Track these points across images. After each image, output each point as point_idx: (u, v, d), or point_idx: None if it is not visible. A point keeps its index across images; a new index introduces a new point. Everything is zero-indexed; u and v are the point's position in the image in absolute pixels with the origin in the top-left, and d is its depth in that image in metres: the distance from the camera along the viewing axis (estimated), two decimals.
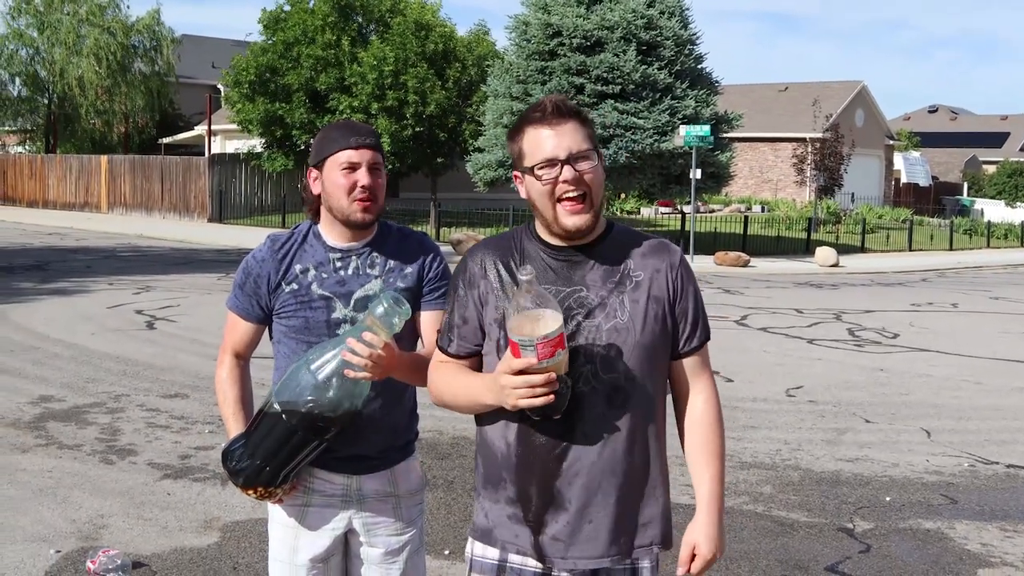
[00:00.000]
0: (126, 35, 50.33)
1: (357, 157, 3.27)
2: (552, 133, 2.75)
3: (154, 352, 12.04)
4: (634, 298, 2.80)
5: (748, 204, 51.40)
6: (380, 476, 3.41)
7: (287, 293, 3.37)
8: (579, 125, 2.78)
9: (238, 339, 3.50)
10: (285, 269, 3.38)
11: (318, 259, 3.37)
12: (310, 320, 3.34)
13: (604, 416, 2.75)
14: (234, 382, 3.50)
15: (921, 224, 45.53)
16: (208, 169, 38.44)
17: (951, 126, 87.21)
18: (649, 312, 2.80)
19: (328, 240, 3.39)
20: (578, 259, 2.82)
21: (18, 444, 8.06)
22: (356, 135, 3.29)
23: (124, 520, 6.43)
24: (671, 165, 30.04)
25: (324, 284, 3.34)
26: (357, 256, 3.38)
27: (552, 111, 2.77)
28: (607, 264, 2.82)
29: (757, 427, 9.35)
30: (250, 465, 3.17)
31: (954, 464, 8.30)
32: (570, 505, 2.77)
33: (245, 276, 3.44)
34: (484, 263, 2.89)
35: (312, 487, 3.38)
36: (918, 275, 27.83)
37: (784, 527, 6.69)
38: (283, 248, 3.42)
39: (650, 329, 2.80)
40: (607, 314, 2.78)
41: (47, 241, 28.69)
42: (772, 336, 15.01)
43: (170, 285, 18.72)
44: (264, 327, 3.50)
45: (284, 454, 3.13)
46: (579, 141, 2.76)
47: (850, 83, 58.48)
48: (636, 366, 2.77)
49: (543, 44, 30.49)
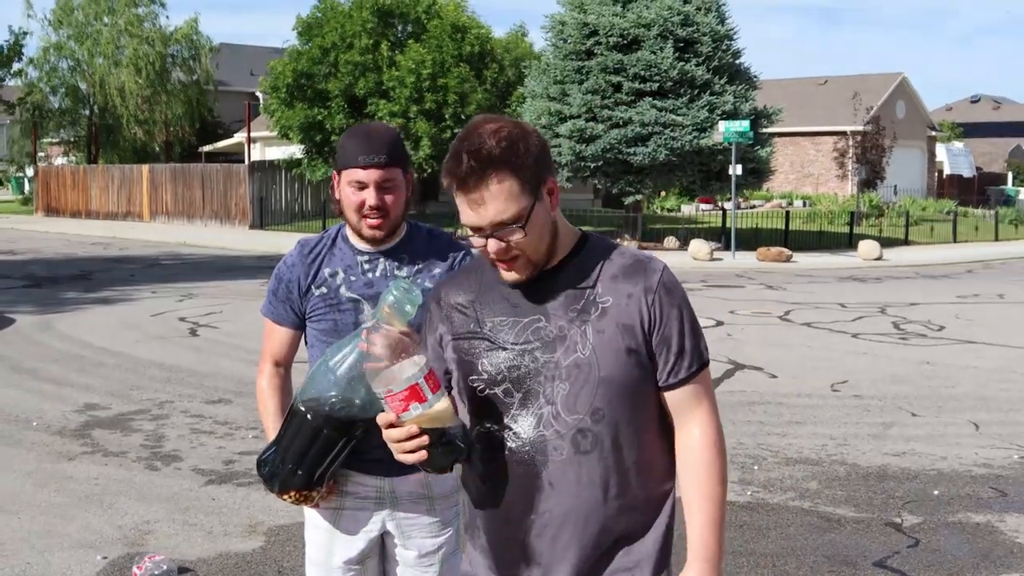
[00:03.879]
0: (164, 45, 50.87)
1: (364, 177, 3.24)
2: (468, 202, 2.42)
3: (197, 358, 12.11)
4: (599, 328, 2.46)
5: (789, 199, 51.03)
6: (413, 478, 3.37)
7: (317, 297, 3.38)
8: (503, 177, 2.39)
9: (276, 346, 3.50)
10: (315, 273, 3.39)
11: (347, 262, 3.38)
12: (339, 323, 3.35)
13: (571, 462, 2.46)
14: (274, 391, 3.50)
15: (965, 215, 45.03)
16: (248, 176, 38.66)
17: (994, 116, 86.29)
18: (616, 343, 2.45)
19: (356, 243, 3.40)
20: (539, 284, 2.51)
21: (64, 452, 8.12)
22: (366, 152, 3.23)
23: (169, 526, 6.46)
24: (711, 161, 29.91)
25: (352, 287, 3.35)
26: (385, 258, 3.37)
27: (466, 177, 2.39)
28: (571, 288, 2.51)
29: (802, 423, 9.28)
30: (283, 469, 3.15)
31: (1003, 456, 8.19)
32: (542, 559, 2.52)
33: (277, 282, 3.46)
34: (448, 300, 2.65)
35: (346, 490, 3.37)
36: (963, 267, 27.56)
37: (831, 523, 6.62)
38: (312, 252, 3.43)
39: (617, 362, 2.45)
40: (567, 348, 2.46)
41: (91, 251, 28.96)
42: (816, 331, 14.90)
43: (212, 292, 18.84)
44: (301, 332, 3.49)
45: (314, 455, 3.10)
46: (500, 208, 2.39)
47: (890, 75, 57.98)
48: (604, 404, 2.45)
49: (580, 43, 30.46)
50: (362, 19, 36.01)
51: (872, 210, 41.75)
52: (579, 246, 2.56)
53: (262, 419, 3.53)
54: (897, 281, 23.29)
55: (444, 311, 2.64)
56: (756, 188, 38.55)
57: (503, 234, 2.42)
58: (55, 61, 51.86)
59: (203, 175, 40.60)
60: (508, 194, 2.39)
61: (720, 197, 37.41)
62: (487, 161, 2.37)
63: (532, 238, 2.44)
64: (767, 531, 6.47)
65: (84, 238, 34.11)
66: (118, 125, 51.46)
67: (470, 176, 2.38)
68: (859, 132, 43.70)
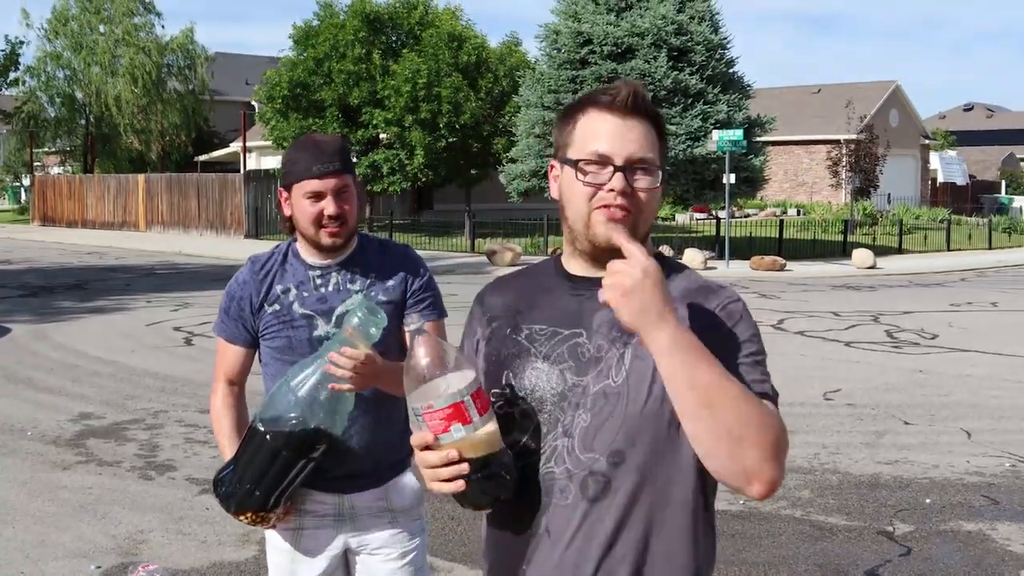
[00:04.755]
0: (160, 54, 51.02)
1: (321, 186, 3.18)
2: (616, 125, 2.13)
3: (192, 368, 12.13)
4: (639, 353, 2.07)
5: (783, 208, 51.13)
6: (372, 493, 3.33)
7: (270, 314, 3.32)
8: (650, 129, 2.16)
9: (229, 365, 3.43)
10: (267, 290, 3.33)
11: (299, 278, 3.32)
12: (292, 339, 3.28)
13: (575, 508, 2.10)
14: (228, 410, 3.42)
15: (959, 223, 45.11)
16: (243, 186, 38.67)
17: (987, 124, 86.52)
18: (656, 372, 2.02)
19: (307, 258, 3.34)
20: (594, 293, 2.06)
21: (59, 461, 8.13)
22: (320, 161, 3.18)
23: (163, 535, 6.48)
24: (705, 170, 29.95)
25: (305, 303, 3.29)
26: (337, 272, 3.32)
27: (626, 100, 2.14)
28: None
29: (795, 431, 9.30)
30: (239, 489, 3.06)
31: (995, 464, 8.22)
32: None
33: (229, 300, 3.40)
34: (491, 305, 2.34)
35: (304, 508, 3.30)
36: (957, 275, 27.59)
37: (823, 531, 6.65)
38: (264, 269, 3.37)
39: (652, 396, 2.06)
40: (599, 372, 2.11)
41: (86, 260, 28.97)
42: (809, 340, 14.93)
43: (208, 301, 18.83)
44: (254, 351, 3.43)
45: (272, 476, 3.01)
46: (645, 147, 2.13)
47: (883, 83, 58.13)
48: (627, 445, 2.07)
49: (574, 52, 30.52)
50: (353, 28, 36.08)
51: (866, 218, 41.79)
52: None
53: (217, 439, 3.46)
54: (891, 289, 23.33)
55: (485, 314, 2.34)
56: (750, 197, 38.58)
57: (638, 177, 2.13)
58: (52, 71, 51.96)
59: (199, 184, 40.61)
60: (653, 144, 2.16)
61: (714, 206, 37.48)
62: (647, 108, 2.16)
63: (652, 202, 2.18)
64: (759, 540, 6.49)
65: (80, 247, 34.12)
66: (114, 135, 51.57)
67: (628, 106, 2.13)
68: (853, 141, 43.74)
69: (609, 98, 2.13)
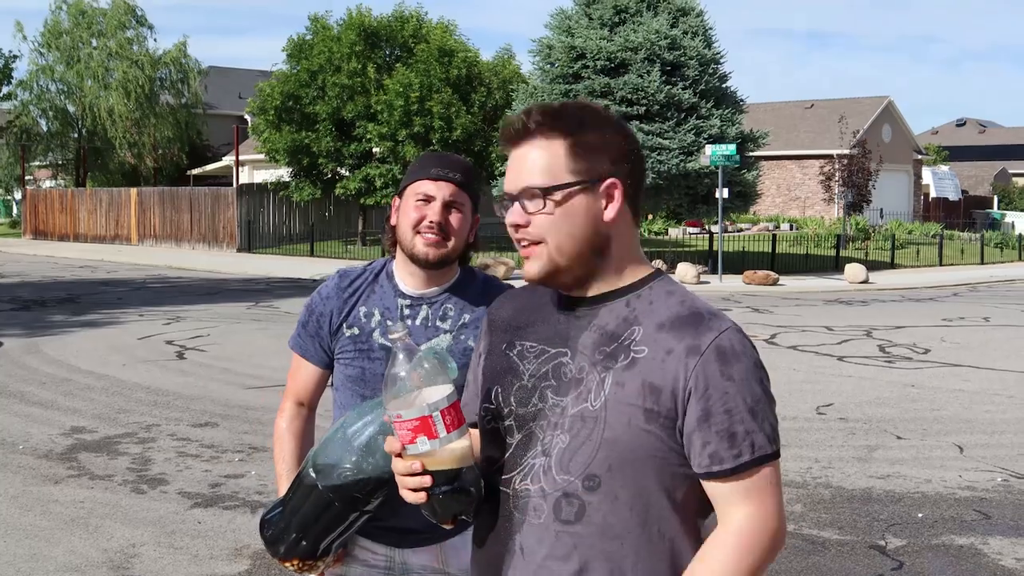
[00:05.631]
0: (153, 68, 51.05)
1: (434, 189, 2.94)
2: (510, 161, 2.16)
3: (184, 382, 12.11)
4: (620, 379, 2.03)
5: (776, 222, 51.21)
6: (427, 551, 3.02)
7: (347, 338, 3.04)
8: (548, 141, 2.12)
9: (300, 384, 3.16)
10: (349, 310, 3.06)
11: (386, 304, 3.03)
12: (367, 371, 3.01)
13: (547, 530, 2.06)
14: (293, 435, 3.13)
15: (951, 238, 45.23)
16: (236, 199, 38.69)
17: (980, 139, 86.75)
18: (633, 402, 2.00)
19: (400, 283, 3.05)
20: (583, 313, 2.13)
21: (50, 475, 8.11)
22: (440, 166, 2.96)
23: (155, 549, 6.46)
24: (698, 185, 30.01)
25: (387, 334, 2.95)
26: (429, 305, 3.01)
27: (511, 131, 2.15)
28: (611, 326, 2.10)
29: (787, 446, 9.30)
30: (287, 537, 2.80)
31: (987, 479, 8.23)
32: None
33: (308, 314, 3.13)
34: (496, 316, 2.35)
35: (353, 555, 3.05)
36: (949, 290, 27.65)
37: (816, 545, 6.65)
38: (352, 285, 3.09)
39: (630, 425, 2.01)
40: (579, 394, 2.06)
41: (78, 274, 28.92)
42: (802, 354, 14.94)
43: (200, 315, 18.82)
44: (330, 372, 3.15)
45: (320, 525, 2.75)
46: (534, 171, 2.09)
47: (876, 99, 58.28)
48: (603, 471, 2.02)
49: (567, 67, 30.61)
50: (349, 41, 36.11)
51: (858, 233, 41.89)
52: (642, 281, 2.16)
53: (275, 463, 3.15)
54: (883, 304, 23.37)
55: (490, 328, 2.33)
56: (743, 211, 38.67)
57: (528, 202, 2.13)
58: (44, 84, 51.98)
59: (191, 198, 40.62)
60: (549, 161, 2.14)
61: (707, 220, 37.50)
62: (541, 120, 2.17)
63: (555, 221, 2.11)
64: None
65: (72, 261, 34.07)
66: (107, 148, 51.58)
67: (515, 132, 2.16)
68: (845, 155, 43.84)
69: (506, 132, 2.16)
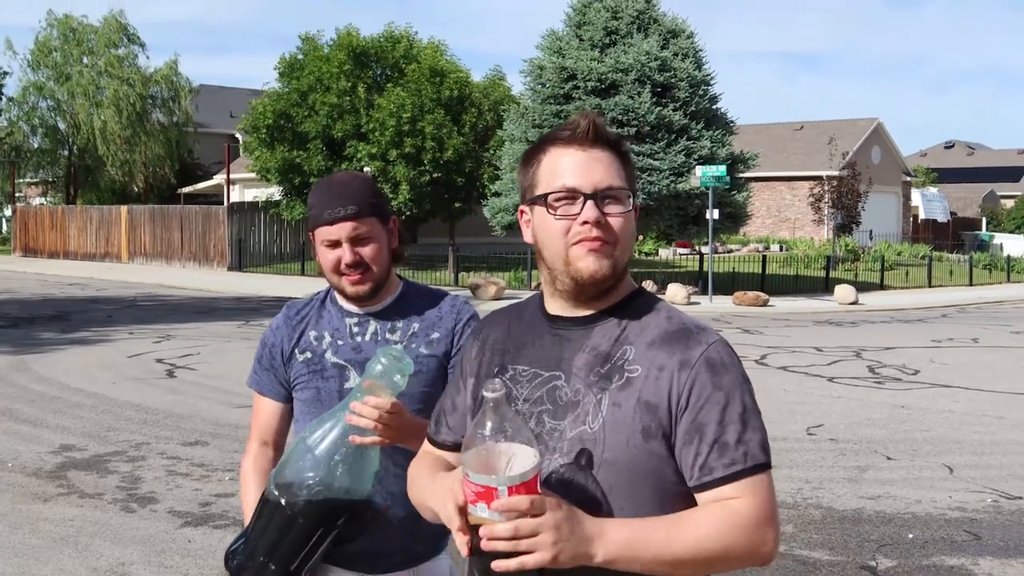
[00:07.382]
0: (144, 86, 51.07)
1: (335, 233, 2.89)
2: (579, 158, 2.11)
3: (174, 400, 12.08)
4: (616, 399, 2.03)
5: (766, 243, 51.35)
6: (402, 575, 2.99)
7: (300, 363, 3.03)
8: (614, 157, 2.15)
9: (263, 422, 3.13)
10: (299, 336, 3.05)
11: (334, 325, 3.04)
12: (321, 391, 2.99)
13: None
14: (257, 474, 3.06)
15: (940, 260, 45.42)
16: (227, 218, 38.67)
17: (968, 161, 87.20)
18: (631, 422, 2.01)
19: (344, 304, 3.05)
20: (573, 334, 2.13)
21: (39, 493, 8.08)
22: (332, 206, 2.89)
23: (145, 568, 6.44)
24: (688, 206, 30.09)
25: (339, 351, 2.99)
26: (376, 320, 3.02)
27: (586, 132, 2.12)
28: (603, 347, 2.10)
29: (778, 467, 9.30)
30: (252, 564, 2.68)
31: (977, 500, 8.24)
32: None
33: (262, 347, 3.13)
34: (484, 339, 2.30)
35: None
36: (938, 311, 27.72)
37: (807, 566, 6.65)
38: (299, 314, 3.11)
39: (629, 445, 2.01)
40: (576, 417, 2.05)
41: (68, 292, 28.86)
42: (792, 375, 14.96)
43: (190, 333, 18.79)
44: (290, 406, 3.11)
45: (287, 548, 2.64)
46: (611, 175, 2.11)
47: (866, 121, 58.55)
48: (602, 494, 2.01)
49: (558, 88, 30.71)
50: (339, 61, 36.17)
51: (848, 254, 42.03)
52: (628, 300, 2.18)
53: (243, 504, 3.10)
54: (873, 325, 23.42)
55: (478, 354, 2.29)
56: (733, 232, 38.75)
57: (609, 205, 2.12)
58: (35, 101, 51.96)
59: (182, 216, 40.59)
60: (619, 172, 2.15)
61: (697, 241, 37.63)
62: (607, 137, 2.15)
63: (627, 230, 2.15)
64: (742, 574, 6.49)
65: (61, 278, 33.99)
66: (97, 166, 51.55)
67: (589, 137, 2.12)
68: (835, 177, 44.05)
69: (569, 132, 2.12)
